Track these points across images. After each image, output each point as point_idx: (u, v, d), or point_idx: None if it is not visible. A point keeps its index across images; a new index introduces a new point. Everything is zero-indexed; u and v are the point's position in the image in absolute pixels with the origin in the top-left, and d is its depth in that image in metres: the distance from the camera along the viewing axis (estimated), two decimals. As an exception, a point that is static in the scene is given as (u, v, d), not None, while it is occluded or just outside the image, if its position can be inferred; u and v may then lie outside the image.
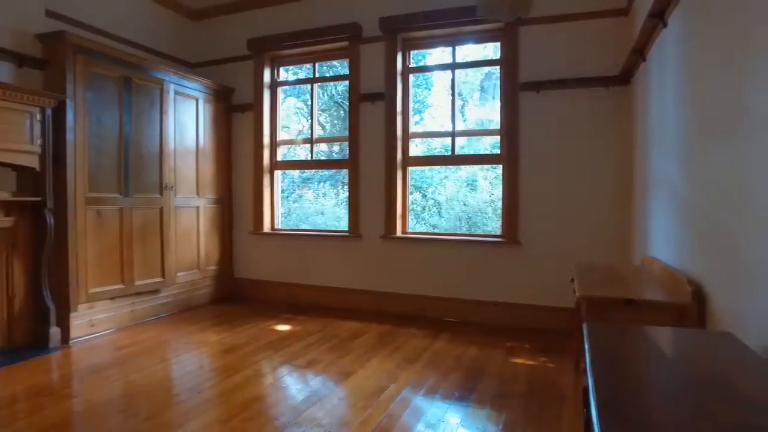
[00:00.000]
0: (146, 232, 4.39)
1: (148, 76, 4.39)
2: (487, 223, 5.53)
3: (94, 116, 3.93)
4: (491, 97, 5.47)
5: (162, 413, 2.58)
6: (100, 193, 3.98)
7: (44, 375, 3.16)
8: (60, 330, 3.68)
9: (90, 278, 3.90)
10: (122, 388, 2.93)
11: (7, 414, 2.60)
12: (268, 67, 5.40)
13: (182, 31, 5.56)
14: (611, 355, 1.20)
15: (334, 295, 5.01)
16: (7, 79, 3.54)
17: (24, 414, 2.59)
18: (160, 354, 3.56)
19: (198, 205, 5.01)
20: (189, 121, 4.89)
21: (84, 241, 3.85)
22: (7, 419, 2.53)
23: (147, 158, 4.40)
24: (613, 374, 1.07)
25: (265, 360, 3.44)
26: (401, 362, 3.39)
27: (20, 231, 3.59)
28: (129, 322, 4.25)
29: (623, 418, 0.86)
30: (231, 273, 5.51)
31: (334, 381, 3.05)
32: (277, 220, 5.52)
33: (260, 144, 5.35)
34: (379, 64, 4.80)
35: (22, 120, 3.43)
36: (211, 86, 5.15)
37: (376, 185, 4.83)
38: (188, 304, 4.89)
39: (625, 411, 0.89)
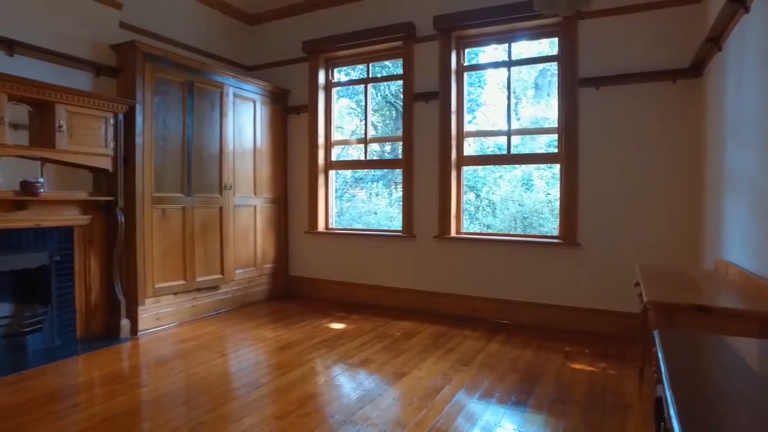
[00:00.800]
0: (206, 231, 4.57)
1: (209, 79, 4.56)
2: (544, 224, 5.38)
3: (159, 119, 4.12)
4: (546, 94, 5.31)
5: (222, 406, 2.67)
6: (165, 193, 4.18)
7: (116, 364, 3.35)
8: (129, 322, 3.90)
9: (156, 274, 4.10)
10: (185, 380, 3.06)
11: (87, 398, 2.80)
12: (323, 68, 5.48)
13: (240, 36, 5.75)
14: (689, 366, 1.13)
15: (387, 294, 5.02)
16: (86, 88, 3.80)
17: (100, 399, 2.76)
18: (219, 349, 3.69)
19: (255, 204, 5.16)
20: (247, 122, 5.04)
21: (150, 239, 4.05)
22: (87, 403, 2.72)
23: (208, 159, 4.57)
24: (693, 386, 1.01)
25: (320, 358, 3.49)
26: (455, 364, 3.35)
27: (95, 228, 3.83)
28: (190, 316, 4.44)
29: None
30: (286, 271, 5.64)
31: (388, 381, 3.05)
32: (331, 220, 5.59)
33: (315, 144, 5.44)
34: (433, 62, 4.77)
35: (98, 125, 3.66)
36: (267, 88, 5.28)
37: (430, 185, 4.80)
38: (245, 301, 5.05)
39: (711, 426, 0.82)
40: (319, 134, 5.44)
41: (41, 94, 3.30)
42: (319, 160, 5.44)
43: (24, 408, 2.64)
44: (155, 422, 2.49)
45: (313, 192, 5.46)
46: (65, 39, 3.73)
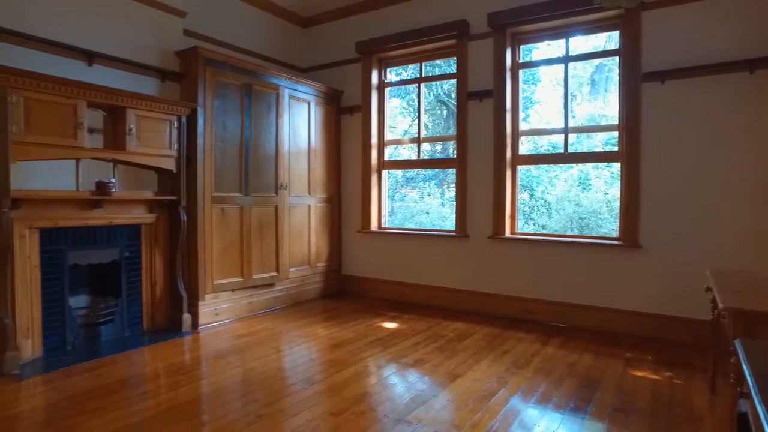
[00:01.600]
0: (263, 229, 4.70)
1: (265, 82, 4.68)
2: (602, 225, 5.19)
3: (219, 121, 4.28)
4: (603, 90, 5.11)
5: (278, 401, 2.73)
6: (224, 193, 4.33)
7: (179, 356, 3.50)
8: (191, 317, 4.07)
9: (215, 271, 4.26)
10: (243, 374, 3.15)
11: (154, 387, 2.95)
12: (376, 68, 5.51)
13: (294, 39, 5.87)
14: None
15: (440, 294, 4.99)
16: (153, 93, 4.01)
17: (165, 389, 2.90)
18: (274, 345, 3.78)
19: (309, 203, 5.26)
20: (301, 123, 5.14)
21: (210, 237, 4.21)
22: (153, 392, 2.86)
23: (264, 159, 4.70)
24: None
25: (373, 357, 3.51)
26: (510, 366, 3.28)
27: (160, 226, 4.03)
28: (246, 312, 4.57)
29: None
30: (339, 270, 5.71)
31: (442, 382, 3.03)
32: (384, 219, 5.62)
33: (368, 144, 5.48)
34: (488, 60, 4.69)
35: (163, 127, 3.84)
36: (321, 89, 5.37)
37: (484, 184, 4.73)
38: (299, 299, 5.15)
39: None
40: (372, 134, 5.48)
41: (114, 100, 3.51)
42: (372, 160, 5.48)
43: (101, 392, 2.82)
44: (216, 413, 2.58)
45: (366, 192, 5.51)
46: (135, 48, 3.94)
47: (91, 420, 2.48)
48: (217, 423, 2.46)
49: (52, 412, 2.59)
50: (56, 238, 3.40)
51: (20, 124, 3.05)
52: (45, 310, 3.36)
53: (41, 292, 3.34)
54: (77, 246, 3.52)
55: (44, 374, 3.10)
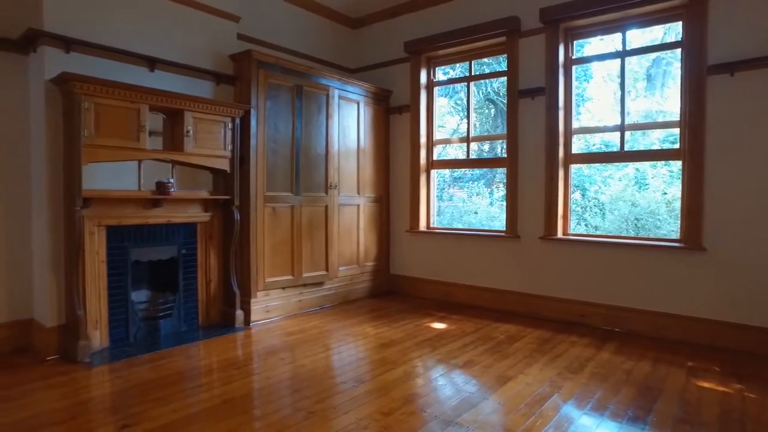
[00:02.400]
0: (313, 228, 4.77)
1: (315, 83, 4.75)
2: (661, 226, 4.95)
3: (271, 122, 4.38)
4: (660, 85, 4.88)
5: (330, 398, 2.77)
6: (276, 192, 4.43)
7: (232, 351, 3.61)
8: (243, 313, 4.19)
9: (266, 269, 4.37)
10: (294, 370, 3.21)
11: (209, 380, 3.05)
12: (424, 67, 5.49)
13: (344, 40, 5.94)
14: None
15: (489, 295, 4.92)
16: (208, 95, 4.14)
17: (220, 382, 2.99)
18: (324, 343, 3.83)
19: (359, 203, 5.30)
20: (351, 123, 5.19)
21: (262, 236, 4.32)
22: (208, 385, 2.96)
23: (314, 159, 4.77)
24: None
25: (423, 357, 3.50)
26: (563, 371, 3.19)
27: (215, 225, 4.16)
28: (296, 310, 4.66)
29: None
30: (387, 269, 5.73)
31: (492, 385, 2.98)
32: (433, 219, 5.59)
33: (417, 144, 5.46)
34: (539, 57, 4.58)
35: (218, 129, 3.97)
36: (370, 89, 5.40)
37: (535, 184, 4.62)
38: (348, 297, 5.20)
39: None
40: (421, 133, 5.46)
41: (173, 103, 3.65)
42: (420, 160, 5.46)
43: (161, 383, 2.95)
44: (269, 408, 2.64)
45: (414, 191, 5.50)
46: (192, 53, 4.09)
47: (154, 409, 2.60)
48: (270, 418, 2.52)
49: (119, 400, 2.74)
50: (120, 236, 3.59)
51: (91, 128, 3.24)
52: (111, 303, 3.55)
53: (107, 286, 3.53)
54: (139, 243, 3.69)
55: (111, 363, 3.28)
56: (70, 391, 2.84)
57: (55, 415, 2.55)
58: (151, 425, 2.42)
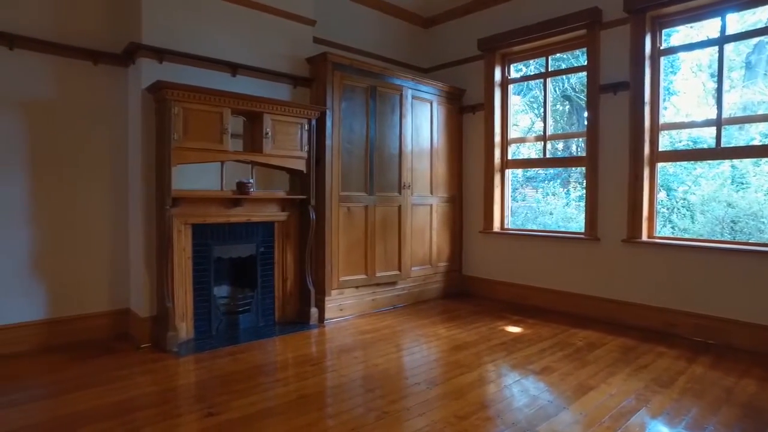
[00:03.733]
0: (386, 228, 4.79)
1: (389, 83, 4.77)
2: (765, 230, 4.51)
3: (346, 123, 4.44)
4: (763, 73, 4.43)
5: (403, 399, 2.75)
6: (350, 192, 4.49)
7: (307, 348, 3.69)
8: (318, 311, 4.28)
9: (341, 267, 4.43)
10: (368, 369, 3.22)
11: (285, 376, 3.13)
12: (499, 65, 5.35)
13: (416, 40, 5.93)
14: None
15: (566, 300, 4.70)
16: (286, 98, 4.28)
17: (295, 379, 3.06)
18: (397, 343, 3.82)
19: (431, 203, 5.26)
20: (424, 123, 5.16)
21: (337, 235, 4.39)
22: (284, 381, 3.04)
23: (388, 159, 4.79)
24: None
25: (498, 361, 3.40)
26: (651, 384, 2.97)
27: (291, 224, 4.28)
28: (369, 309, 4.69)
29: None
30: (459, 270, 5.64)
31: (572, 393, 2.83)
32: (507, 220, 5.43)
33: (491, 143, 5.34)
34: (623, 49, 4.31)
35: (295, 130, 4.09)
36: (443, 89, 5.34)
37: (618, 183, 4.36)
38: (420, 298, 5.17)
39: None
40: (495, 132, 5.32)
41: (254, 106, 3.80)
42: (495, 159, 5.33)
43: (242, 376, 3.07)
44: (344, 406, 2.66)
45: (488, 191, 5.37)
46: (271, 57, 4.24)
47: (236, 400, 2.70)
48: (344, 416, 2.54)
49: (203, 389, 2.88)
50: (204, 233, 3.78)
51: (180, 132, 3.44)
52: (196, 297, 3.75)
53: (193, 281, 3.73)
54: (221, 241, 3.87)
55: (195, 354, 3.46)
56: (161, 378, 3.03)
57: (148, 399, 2.73)
58: (234, 415, 2.52)
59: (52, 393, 2.84)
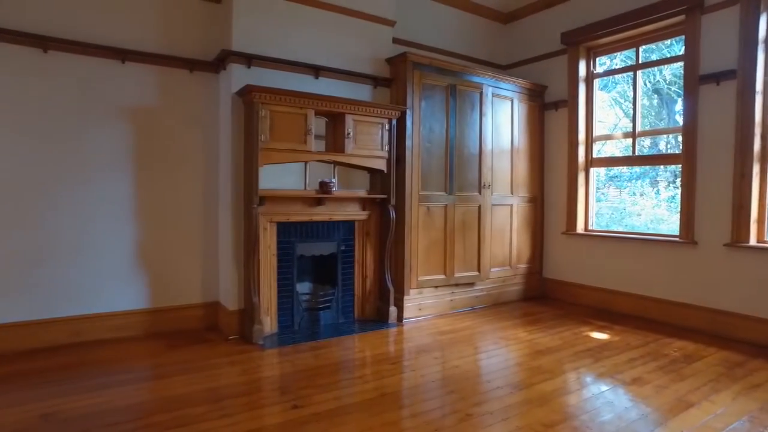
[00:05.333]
0: (465, 228, 4.73)
1: (468, 81, 4.70)
2: None
3: (426, 122, 4.43)
4: None
5: (485, 402, 2.69)
6: (430, 192, 4.48)
7: (386, 346, 3.72)
8: (396, 310, 4.30)
9: (420, 267, 4.43)
10: (447, 371, 3.19)
11: (365, 374, 3.17)
12: (583, 58, 5.11)
13: (495, 36, 5.80)
14: None
15: (656, 306, 4.40)
16: (366, 98, 4.34)
17: (375, 376, 3.09)
18: (477, 344, 3.75)
19: (512, 203, 5.13)
20: (504, 121, 5.04)
21: (416, 234, 4.39)
22: (365, 378, 3.08)
23: (467, 159, 4.72)
24: None
25: (583, 368, 3.24)
26: (767, 405, 2.69)
27: (371, 223, 4.34)
28: (447, 310, 4.65)
29: None
30: (540, 272, 5.46)
31: (670, 409, 2.63)
32: (591, 221, 5.18)
33: (574, 141, 5.11)
34: (729, 34, 3.96)
35: (376, 131, 4.13)
36: (524, 85, 5.19)
37: (720, 182, 4.01)
38: (499, 300, 5.06)
39: None
40: (579, 130, 5.09)
41: (336, 107, 3.89)
42: (578, 158, 5.10)
43: (324, 371, 3.14)
44: (425, 406, 2.65)
45: (572, 191, 5.15)
46: (352, 59, 4.32)
47: (319, 394, 2.77)
48: (426, 416, 2.53)
49: (288, 381, 2.98)
50: (288, 232, 3.91)
51: (266, 133, 3.59)
52: (279, 293, 3.90)
53: (277, 277, 3.87)
54: (303, 239, 3.99)
55: (279, 347, 3.59)
56: (248, 369, 3.18)
57: (237, 388, 2.86)
58: (318, 409, 2.59)
59: (153, 376, 3.07)
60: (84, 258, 3.63)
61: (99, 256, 3.69)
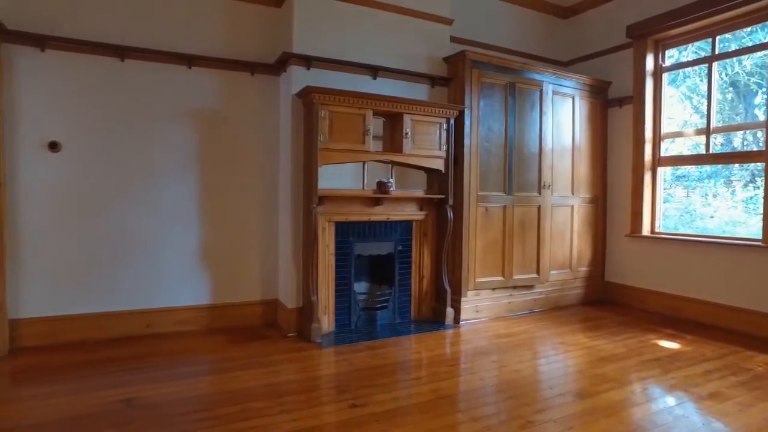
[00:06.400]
0: (524, 229, 4.62)
1: (528, 79, 4.58)
2: None
3: (484, 121, 4.36)
4: None
5: (548, 410, 2.61)
6: (488, 192, 4.40)
7: (443, 348, 3.69)
8: (453, 311, 4.25)
9: (477, 268, 4.37)
10: (507, 375, 3.12)
11: (423, 375, 3.15)
12: (651, 52, 4.86)
13: (555, 32, 5.64)
14: None
15: (734, 315, 4.13)
16: (424, 98, 4.31)
17: (433, 378, 3.07)
18: (536, 349, 3.66)
19: (572, 204, 4.96)
20: (565, 119, 4.88)
21: (474, 235, 4.33)
22: (423, 379, 3.06)
23: (527, 158, 4.61)
24: None
25: (652, 379, 3.08)
26: None
27: (429, 223, 4.31)
28: (505, 312, 4.56)
29: None
30: (602, 276, 5.25)
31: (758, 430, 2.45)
32: (658, 223, 4.93)
33: (641, 138, 4.88)
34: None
35: (434, 130, 4.10)
36: (586, 82, 5.00)
37: (808, 182, 3.71)
38: (558, 303, 4.91)
39: None
40: (646, 127, 4.85)
41: (394, 107, 3.88)
42: (645, 156, 4.86)
43: (381, 371, 3.15)
44: (484, 411, 2.60)
45: (637, 192, 4.91)
46: (409, 58, 4.30)
47: (378, 394, 2.78)
48: (487, 420, 2.48)
49: (346, 380, 3.00)
50: (346, 231, 3.95)
51: (326, 134, 3.63)
52: (337, 292, 3.95)
53: (335, 276, 3.92)
54: (361, 238, 4.02)
55: (336, 346, 3.63)
56: (306, 366, 3.23)
57: (296, 385, 2.92)
58: (376, 409, 2.59)
59: (217, 369, 3.18)
60: (154, 255, 3.82)
61: (167, 253, 3.86)
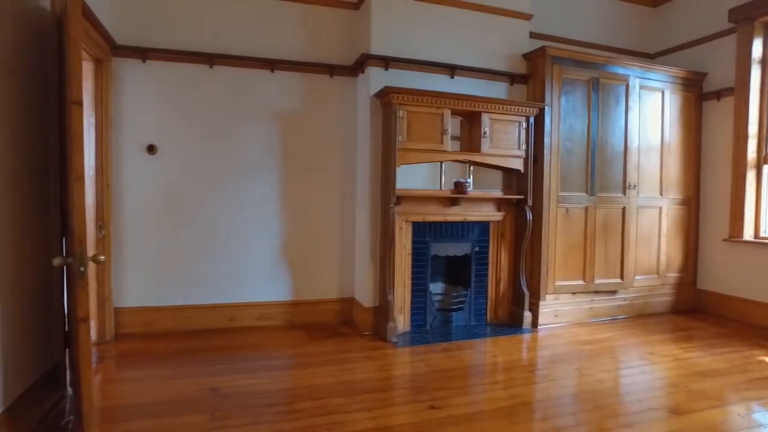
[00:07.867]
0: (607, 232, 4.40)
1: (612, 73, 4.36)
2: None
3: (565, 119, 4.19)
4: None
5: (639, 423, 2.46)
6: (569, 192, 4.23)
7: (521, 353, 3.59)
8: (531, 315, 4.13)
9: (557, 271, 4.21)
10: (590, 384, 2.98)
11: (501, 379, 3.09)
12: (759, 37, 4.44)
13: (641, 22, 5.31)
14: None
15: None
16: (502, 96, 4.22)
17: (511, 383, 2.99)
18: (621, 358, 3.47)
19: (661, 205, 4.65)
20: (653, 115, 4.59)
21: (554, 237, 4.18)
22: (501, 384, 3.00)
23: (611, 157, 4.38)
24: None
25: (763, 400, 2.81)
26: None
27: (507, 224, 4.22)
28: (586, 318, 4.36)
29: None
30: (693, 282, 4.89)
31: None
32: (764, 227, 4.50)
33: (743, 134, 4.47)
34: None
35: (513, 129, 4.00)
36: (678, 74, 4.67)
37: None
38: (643, 310, 4.63)
39: None
40: (750, 121, 4.44)
41: (472, 106, 3.83)
42: (748, 153, 4.45)
43: (458, 373, 3.13)
44: (569, 420, 2.50)
45: (738, 192, 4.51)
46: (487, 56, 4.21)
47: (455, 397, 2.75)
48: (571, 430, 2.38)
49: (422, 381, 2.99)
50: (423, 231, 3.94)
51: (404, 133, 3.64)
52: (413, 292, 3.95)
53: (411, 276, 3.92)
54: (437, 239, 3.99)
55: (411, 346, 3.63)
56: (383, 365, 3.26)
57: (373, 383, 2.95)
58: (455, 412, 2.56)
59: (296, 364, 3.29)
60: (239, 251, 4.01)
61: (251, 250, 4.04)
